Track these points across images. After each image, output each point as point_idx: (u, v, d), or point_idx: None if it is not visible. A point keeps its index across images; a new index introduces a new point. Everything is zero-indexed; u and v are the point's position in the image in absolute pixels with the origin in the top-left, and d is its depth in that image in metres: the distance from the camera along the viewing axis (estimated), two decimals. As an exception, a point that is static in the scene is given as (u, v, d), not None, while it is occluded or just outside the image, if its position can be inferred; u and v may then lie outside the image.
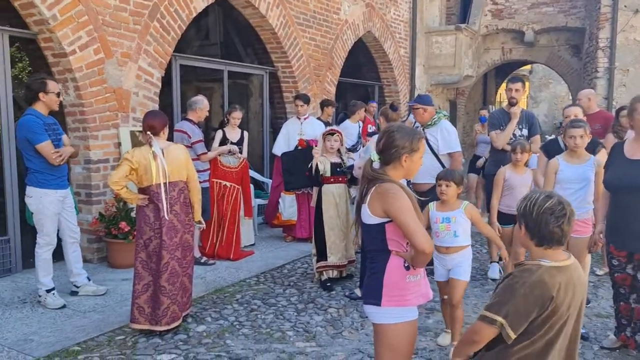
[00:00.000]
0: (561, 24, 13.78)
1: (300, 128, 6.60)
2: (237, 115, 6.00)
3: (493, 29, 14.48)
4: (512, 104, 5.27)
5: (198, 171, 5.09)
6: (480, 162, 7.77)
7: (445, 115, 5.48)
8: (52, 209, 4.35)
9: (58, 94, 4.37)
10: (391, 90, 11.71)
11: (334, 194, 5.02)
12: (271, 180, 7.17)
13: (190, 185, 4.05)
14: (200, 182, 4.95)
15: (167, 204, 3.82)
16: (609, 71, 11.65)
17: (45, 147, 4.24)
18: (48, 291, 4.42)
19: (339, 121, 10.25)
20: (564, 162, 4.12)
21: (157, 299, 3.82)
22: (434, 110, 5.53)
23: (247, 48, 8.95)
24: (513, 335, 1.88)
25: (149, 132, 3.83)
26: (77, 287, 4.68)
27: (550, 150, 4.60)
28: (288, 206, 6.40)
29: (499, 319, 1.88)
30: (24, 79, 7.40)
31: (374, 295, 2.28)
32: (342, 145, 5.18)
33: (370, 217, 2.27)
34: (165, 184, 3.82)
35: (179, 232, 3.89)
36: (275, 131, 8.56)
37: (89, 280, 4.77)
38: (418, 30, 12.17)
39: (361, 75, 11.51)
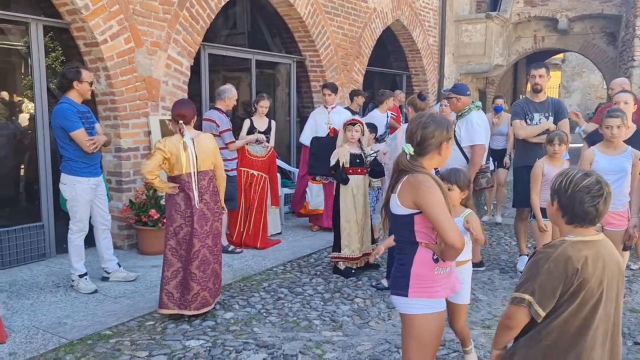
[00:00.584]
0: (596, 11, 13.38)
1: (327, 117, 6.57)
2: (264, 104, 6.00)
3: (525, 17, 14.15)
4: (536, 90, 5.10)
5: (225, 160, 5.16)
6: (507, 161, 7.40)
7: (477, 107, 5.37)
8: (85, 196, 4.43)
9: (91, 83, 4.45)
10: (419, 79, 11.56)
11: (351, 186, 4.98)
12: (298, 170, 7.18)
13: (216, 174, 4.09)
14: (227, 170, 5.02)
15: (197, 192, 3.86)
16: (647, 59, 11.29)
17: (79, 134, 4.31)
18: (80, 276, 4.52)
19: (369, 111, 10.21)
20: (599, 153, 4.00)
21: (187, 285, 3.87)
22: (469, 100, 5.43)
23: (275, 37, 8.93)
24: (542, 313, 1.85)
25: (180, 122, 3.86)
26: (108, 273, 4.78)
27: (597, 140, 4.43)
28: (315, 195, 6.40)
29: (527, 296, 1.85)
30: (57, 69, 7.55)
31: (401, 286, 2.26)
32: (362, 135, 5.11)
33: (399, 207, 2.25)
34: (195, 173, 3.86)
35: (209, 220, 3.93)
36: (302, 120, 8.55)
37: (120, 266, 4.86)
38: (447, 18, 11.97)
39: (388, 64, 11.40)
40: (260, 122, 6.01)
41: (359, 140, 5.07)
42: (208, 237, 3.93)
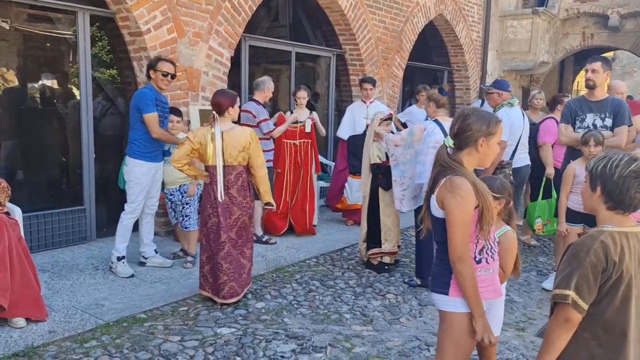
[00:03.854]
0: (650, 7, 12.83)
1: (366, 112, 6.52)
2: (302, 95, 6.03)
3: (574, 13, 13.68)
4: (587, 86, 4.65)
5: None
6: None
7: (510, 104, 5.25)
8: (143, 180, 4.57)
9: (165, 74, 4.56)
10: (461, 75, 11.35)
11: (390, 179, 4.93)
12: (334, 163, 7.17)
13: (256, 175, 4.05)
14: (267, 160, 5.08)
15: (222, 186, 3.88)
16: (703, 59, 10.75)
17: (151, 117, 4.47)
18: (119, 259, 4.64)
19: (407, 107, 10.10)
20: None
21: (215, 274, 3.94)
22: (509, 96, 5.33)
23: (316, 30, 8.92)
24: (585, 306, 1.78)
25: (214, 112, 3.90)
26: (145, 258, 4.89)
27: None
28: (355, 190, 6.36)
29: (569, 292, 1.77)
30: (102, 58, 7.75)
31: (442, 283, 2.22)
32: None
33: (437, 209, 2.21)
34: (221, 166, 3.88)
35: (235, 214, 3.94)
36: (340, 114, 8.52)
37: (156, 252, 4.96)
38: (492, 13, 11.70)
39: (430, 60, 11.22)
40: (301, 113, 6.04)
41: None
42: (231, 230, 3.95)
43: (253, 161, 4.03)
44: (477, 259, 2.19)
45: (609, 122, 4.56)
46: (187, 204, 4.98)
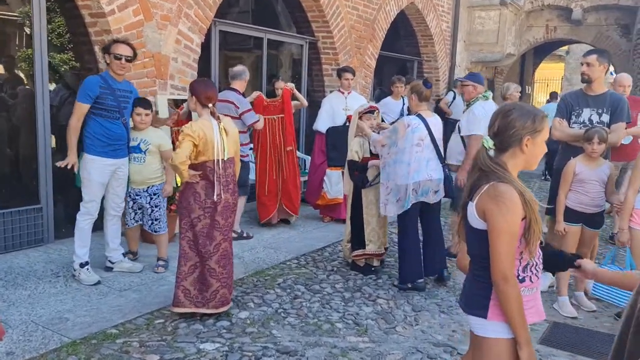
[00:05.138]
0: (612, 1, 13.01)
1: (345, 103, 6.22)
2: (279, 85, 5.77)
3: (538, 5, 13.75)
4: (584, 81, 4.44)
5: (241, 145, 4.84)
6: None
7: (484, 97, 5.14)
8: (97, 178, 4.11)
9: (119, 57, 4.09)
10: (430, 66, 11.20)
11: (372, 173, 4.65)
12: (309, 158, 6.85)
13: (235, 159, 3.76)
14: (242, 156, 4.73)
15: (224, 180, 3.54)
16: (664, 53, 10.99)
17: (79, 108, 4.03)
18: (82, 265, 4.19)
19: (376, 97, 9.86)
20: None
21: (205, 281, 3.57)
22: (484, 89, 5.25)
23: (286, 16, 8.53)
24: None
25: (210, 105, 3.52)
26: (112, 262, 4.46)
27: None
28: (335, 183, 6.06)
29: None
30: (54, 41, 7.12)
31: (479, 305, 1.95)
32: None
33: (477, 219, 1.93)
34: (223, 160, 3.55)
35: (233, 212, 3.62)
36: (312, 104, 8.19)
37: (124, 256, 4.53)
38: (461, 3, 11.58)
39: (399, 49, 11.01)
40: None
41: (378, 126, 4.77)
42: (230, 230, 3.63)
43: (238, 148, 3.80)
44: (520, 277, 1.93)
45: (606, 117, 4.35)
46: (156, 206, 4.54)
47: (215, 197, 3.52)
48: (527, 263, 1.96)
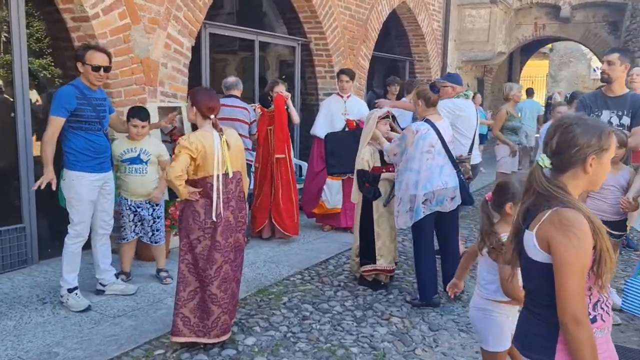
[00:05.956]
0: (600, -1, 12.97)
1: (344, 107, 5.94)
2: (279, 90, 5.51)
3: (527, 3, 13.65)
4: (604, 80, 4.21)
5: (247, 150, 4.70)
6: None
7: (465, 96, 5.00)
8: (86, 195, 3.79)
9: (97, 68, 3.75)
10: (422, 66, 10.99)
11: (385, 186, 4.40)
12: (306, 164, 6.57)
13: (242, 175, 3.47)
14: (248, 161, 4.63)
15: (225, 198, 3.24)
16: (655, 50, 10.92)
17: (54, 121, 3.68)
18: (70, 290, 3.86)
19: (368, 100, 9.61)
20: None
21: (206, 308, 3.26)
22: (462, 90, 5.15)
23: (278, 18, 8.25)
24: None
25: (212, 116, 3.22)
26: (104, 285, 4.13)
27: None
28: (335, 193, 5.79)
29: None
30: (32, 47, 6.73)
31: (542, 349, 1.69)
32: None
33: (537, 250, 1.67)
34: (228, 175, 3.25)
35: (234, 231, 3.31)
36: (306, 108, 7.93)
37: (117, 277, 4.21)
38: (451, 2, 11.38)
39: (391, 50, 10.78)
40: None
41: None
42: (231, 252, 3.32)
43: (244, 162, 3.52)
44: (590, 317, 1.68)
45: (626, 120, 4.12)
46: (158, 217, 4.34)
47: (214, 216, 3.22)
48: (598, 299, 1.70)
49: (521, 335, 1.80)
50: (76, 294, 3.88)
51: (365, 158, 4.37)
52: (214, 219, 3.21)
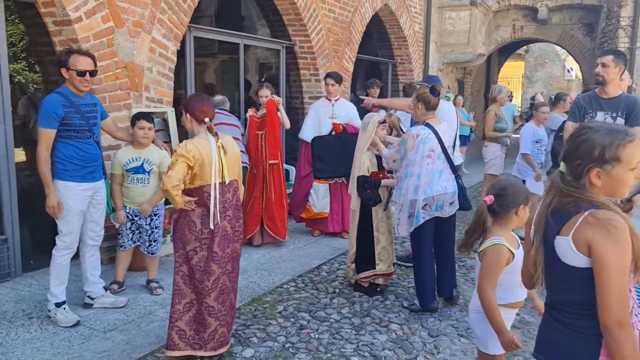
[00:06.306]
0: (576, 1, 13.17)
1: (332, 111, 5.88)
2: (264, 93, 5.48)
3: (505, 5, 13.81)
4: (598, 82, 4.25)
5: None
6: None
7: (446, 98, 5.00)
8: (75, 206, 3.64)
9: (82, 73, 3.61)
10: (405, 68, 11.00)
11: (383, 191, 4.35)
12: (294, 168, 6.49)
13: (238, 183, 3.38)
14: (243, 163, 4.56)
15: (221, 207, 3.15)
16: (630, 51, 11.11)
17: (45, 134, 3.53)
18: (58, 305, 3.72)
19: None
20: None
21: (203, 321, 3.16)
22: (443, 92, 5.14)
23: (261, 20, 8.15)
24: None
25: (206, 120, 3.12)
26: (92, 298, 3.98)
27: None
28: (322, 197, 5.72)
29: None
30: (15, 52, 6.53)
31: None
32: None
33: (575, 255, 1.62)
34: (224, 183, 3.15)
35: (232, 241, 3.21)
36: (291, 111, 7.84)
37: (106, 290, 4.07)
38: (432, 4, 11.43)
39: (373, 52, 10.77)
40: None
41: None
42: (228, 262, 3.22)
43: (240, 170, 3.42)
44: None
45: (620, 121, 4.13)
46: (156, 227, 4.25)
47: (211, 224, 3.12)
48: (632, 305, 1.66)
49: (551, 348, 1.73)
50: (64, 308, 3.74)
51: (366, 164, 4.30)
52: (212, 227, 3.12)
